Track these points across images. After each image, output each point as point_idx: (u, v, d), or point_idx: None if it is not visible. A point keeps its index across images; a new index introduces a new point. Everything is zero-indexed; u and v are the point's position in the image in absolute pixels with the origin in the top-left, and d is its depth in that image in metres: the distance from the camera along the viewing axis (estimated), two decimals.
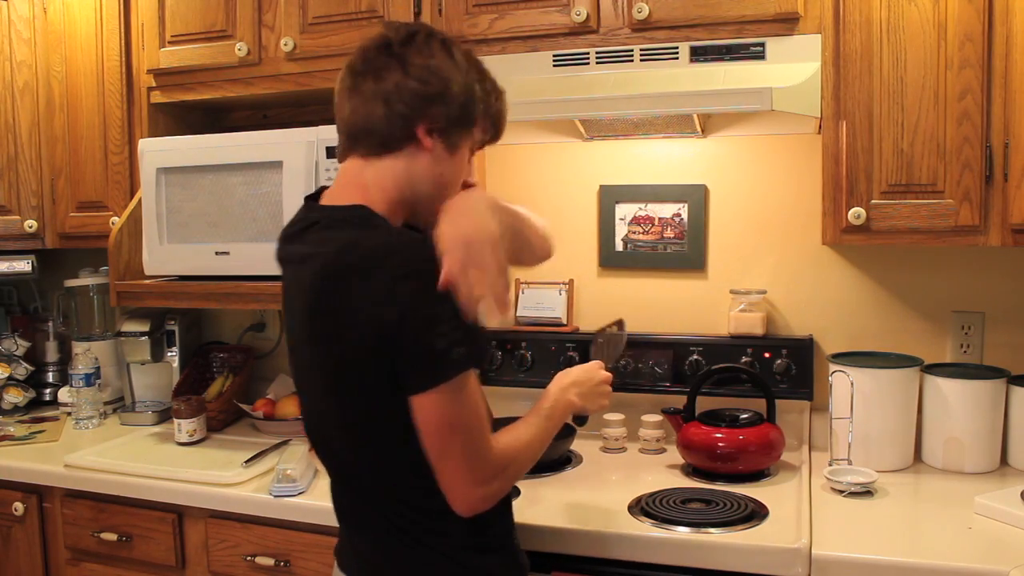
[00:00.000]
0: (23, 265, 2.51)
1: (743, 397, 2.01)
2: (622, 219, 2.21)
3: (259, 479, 1.89)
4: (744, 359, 2.03)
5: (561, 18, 1.85)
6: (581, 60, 1.84)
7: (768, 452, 1.81)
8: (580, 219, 2.26)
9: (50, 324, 2.74)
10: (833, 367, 1.86)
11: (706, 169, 2.15)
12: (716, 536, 1.50)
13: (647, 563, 1.51)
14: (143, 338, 2.40)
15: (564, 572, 1.55)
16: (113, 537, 1.97)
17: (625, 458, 2.01)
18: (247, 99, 2.25)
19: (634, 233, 2.21)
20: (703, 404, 1.94)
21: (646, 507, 1.62)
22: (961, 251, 1.96)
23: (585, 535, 1.55)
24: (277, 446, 2.08)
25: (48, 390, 2.67)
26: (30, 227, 2.46)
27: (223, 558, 1.87)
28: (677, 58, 1.78)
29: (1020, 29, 1.58)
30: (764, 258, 2.12)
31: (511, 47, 1.90)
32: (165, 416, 2.39)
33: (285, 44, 2.07)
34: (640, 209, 2.20)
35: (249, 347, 2.53)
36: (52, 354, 2.74)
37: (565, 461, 1.95)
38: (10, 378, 2.56)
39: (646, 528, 1.54)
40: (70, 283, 2.58)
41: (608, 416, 2.06)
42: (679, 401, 1.96)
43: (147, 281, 2.18)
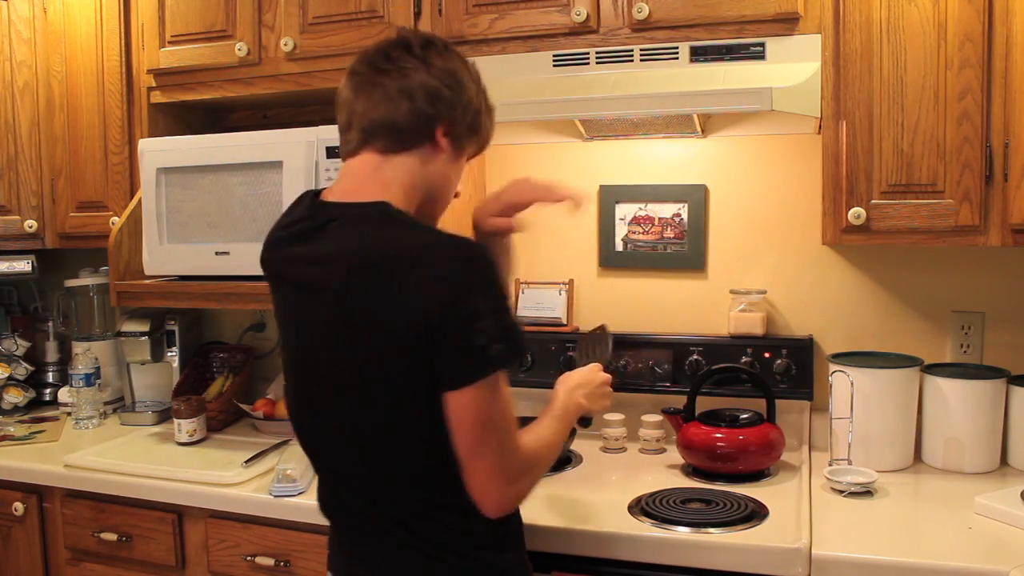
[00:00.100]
0: (23, 265, 2.51)
1: (743, 397, 2.01)
2: (622, 219, 2.21)
3: (259, 479, 1.89)
4: (744, 359, 2.03)
5: (561, 18, 1.85)
6: (581, 60, 1.84)
7: (768, 452, 1.81)
8: (580, 219, 2.25)
9: (50, 324, 2.74)
10: (833, 367, 1.86)
11: (706, 169, 2.15)
12: (716, 536, 1.50)
13: (647, 563, 1.51)
14: (143, 338, 2.40)
15: (564, 572, 1.55)
16: (113, 537, 1.97)
17: (625, 458, 2.01)
18: (247, 99, 2.25)
19: (634, 233, 2.21)
20: (703, 404, 1.94)
21: (646, 507, 1.62)
22: (961, 251, 1.96)
23: (585, 535, 1.55)
24: (277, 446, 2.08)
25: (48, 390, 2.67)
26: (30, 227, 2.46)
27: (223, 558, 1.87)
28: (677, 58, 1.78)
29: (1020, 29, 1.58)
30: (764, 258, 2.12)
31: (511, 47, 1.90)
32: (165, 416, 2.39)
33: (285, 44, 2.07)
34: (640, 209, 2.20)
35: (249, 347, 2.53)
36: (52, 354, 2.74)
37: (565, 461, 1.95)
38: (10, 378, 2.56)
39: (646, 528, 1.54)
40: (70, 283, 2.58)
41: (608, 416, 2.06)
42: (679, 401, 1.96)
43: (147, 281, 2.18)
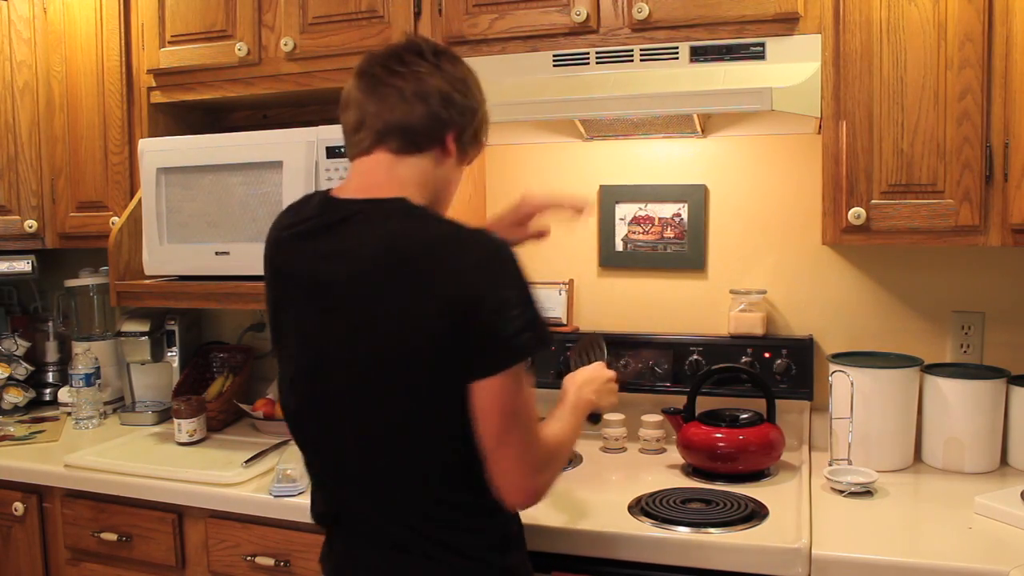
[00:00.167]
0: (23, 265, 2.51)
1: (743, 397, 2.01)
2: (622, 219, 2.21)
3: (259, 479, 1.89)
4: (744, 359, 2.03)
5: (561, 18, 1.85)
6: (581, 60, 1.84)
7: (768, 452, 1.81)
8: (580, 219, 2.25)
9: (50, 324, 2.74)
10: (833, 367, 1.86)
11: (706, 169, 2.15)
12: (716, 536, 1.50)
13: (647, 563, 1.51)
14: (143, 338, 2.40)
15: (564, 572, 1.55)
16: (113, 537, 1.97)
17: (625, 458, 2.01)
18: (247, 99, 2.25)
19: (634, 233, 2.21)
20: (703, 404, 1.94)
21: (646, 507, 1.62)
22: (961, 251, 1.96)
23: (585, 535, 1.55)
24: (277, 446, 2.07)
25: (48, 390, 2.67)
26: (30, 227, 2.46)
27: (223, 558, 1.87)
28: (677, 58, 1.78)
29: (1020, 29, 1.58)
30: (764, 258, 2.12)
31: (511, 47, 1.90)
32: (165, 416, 2.39)
33: (285, 44, 2.07)
34: (640, 209, 2.20)
35: (249, 347, 2.52)
36: (52, 354, 2.74)
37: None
38: (10, 378, 2.56)
39: (646, 528, 1.54)
40: (70, 283, 2.58)
41: (608, 416, 2.06)
42: (679, 401, 1.96)
43: (147, 281, 2.18)
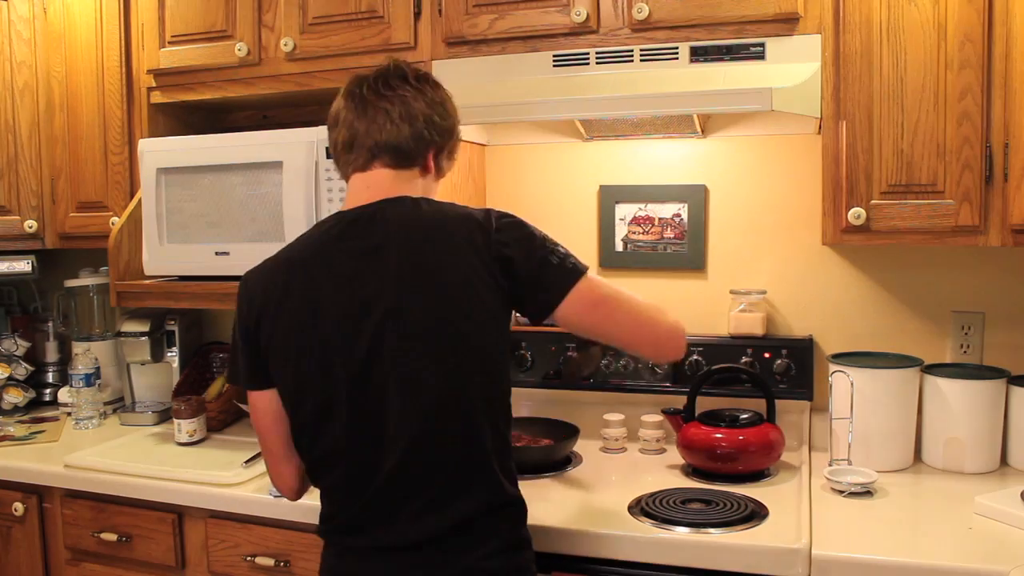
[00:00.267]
0: (23, 265, 2.51)
1: (743, 397, 2.01)
2: (622, 219, 2.21)
3: (259, 479, 1.89)
4: (744, 359, 2.03)
5: (561, 18, 1.85)
6: (581, 60, 1.84)
7: (768, 452, 1.81)
8: (580, 219, 2.26)
9: (50, 324, 2.74)
10: (833, 367, 1.86)
11: (706, 169, 2.15)
12: (716, 536, 1.50)
13: (647, 563, 1.51)
14: (143, 338, 2.40)
15: (564, 572, 1.55)
16: (113, 537, 1.97)
17: (625, 458, 2.01)
18: (247, 99, 2.25)
19: (634, 233, 2.21)
20: (703, 404, 1.94)
21: (646, 507, 1.62)
22: (961, 251, 1.96)
23: (585, 535, 1.55)
24: None
25: (48, 390, 2.67)
26: (30, 227, 2.46)
27: (223, 558, 1.87)
28: (677, 58, 1.78)
29: (1020, 29, 1.58)
30: (764, 258, 2.12)
31: (511, 47, 1.90)
32: (165, 416, 2.40)
33: (285, 44, 2.07)
34: (640, 209, 2.20)
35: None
36: (52, 354, 2.74)
37: (565, 461, 1.95)
38: (10, 378, 2.56)
39: (646, 528, 1.54)
40: (70, 283, 2.58)
41: (608, 416, 2.06)
42: (679, 401, 1.96)
43: (147, 281, 2.18)
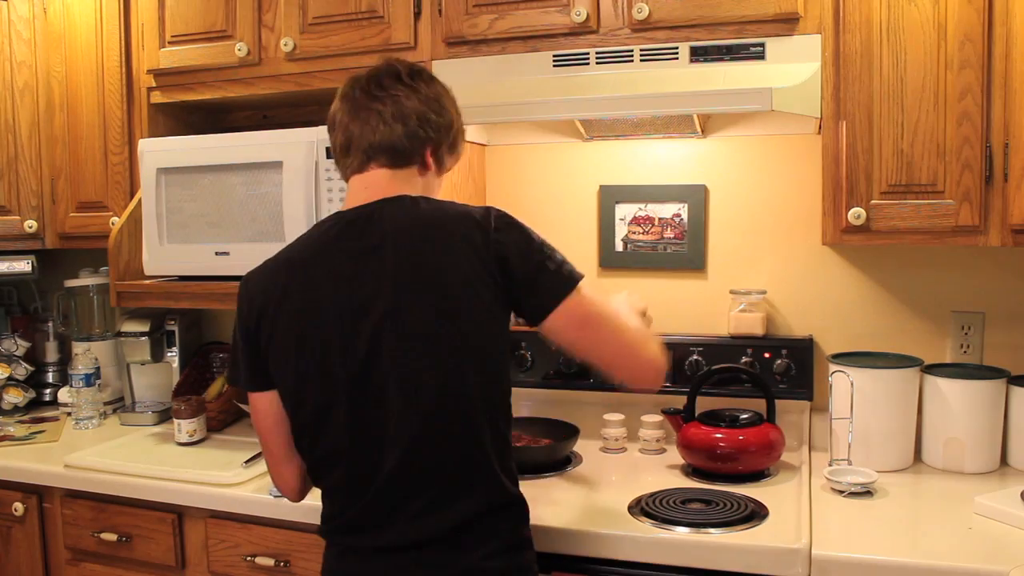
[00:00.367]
0: (23, 265, 2.51)
1: (743, 397, 2.01)
2: (622, 219, 2.21)
3: (259, 479, 1.89)
4: (744, 359, 2.03)
5: (561, 18, 1.85)
6: (581, 60, 1.84)
7: (768, 452, 1.81)
8: (580, 219, 2.26)
9: (50, 324, 2.74)
10: (833, 367, 1.86)
11: (706, 169, 2.15)
12: (716, 536, 1.50)
13: (647, 563, 1.51)
14: (143, 338, 2.40)
15: (564, 572, 1.55)
16: (113, 537, 1.97)
17: (625, 458, 2.01)
18: (247, 99, 2.25)
19: (634, 233, 2.21)
20: (703, 404, 1.94)
21: (646, 507, 1.62)
22: (961, 251, 1.96)
23: (585, 535, 1.55)
24: None
25: (48, 390, 2.67)
26: (30, 227, 2.46)
27: (223, 558, 1.87)
28: (677, 58, 1.78)
29: (1020, 29, 1.58)
30: (764, 258, 2.12)
31: (511, 47, 1.90)
32: (165, 416, 2.40)
33: (285, 44, 2.07)
34: (640, 209, 2.20)
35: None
36: (52, 354, 2.74)
37: (565, 461, 1.95)
38: (10, 378, 2.56)
39: (646, 528, 1.54)
40: (70, 283, 2.58)
41: (608, 416, 2.06)
42: (679, 401, 1.96)
43: (147, 281, 2.18)
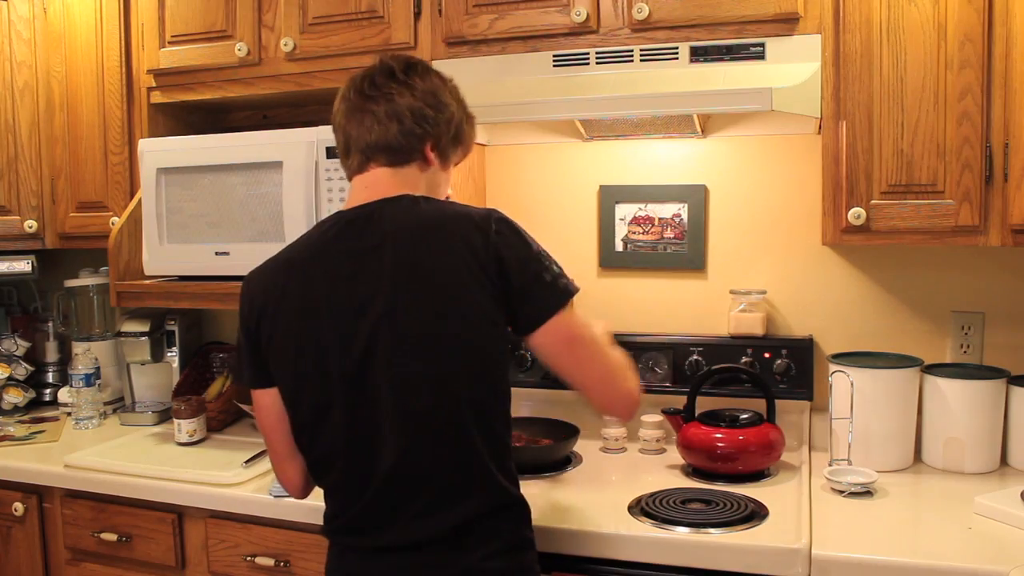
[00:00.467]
0: (23, 265, 2.51)
1: (743, 397, 2.01)
2: (622, 219, 2.21)
3: (259, 479, 1.89)
4: (744, 359, 2.03)
5: (561, 18, 1.85)
6: (581, 60, 1.84)
7: (768, 452, 1.81)
8: (580, 219, 2.26)
9: (50, 324, 2.74)
10: (833, 367, 1.86)
11: (706, 169, 2.15)
12: (716, 536, 1.50)
13: (647, 563, 1.51)
14: (143, 338, 2.40)
15: (564, 572, 1.55)
16: (113, 537, 1.97)
17: (625, 458, 2.01)
18: (247, 99, 2.25)
19: (634, 233, 2.21)
20: (703, 404, 1.94)
21: (646, 507, 1.62)
22: (961, 251, 1.96)
23: (585, 535, 1.55)
24: None
25: (48, 390, 2.67)
26: (30, 227, 2.46)
27: (223, 558, 1.87)
28: (677, 58, 1.78)
29: (1020, 29, 1.58)
30: (764, 258, 2.12)
31: (511, 47, 1.90)
32: (165, 416, 2.39)
33: (285, 44, 2.07)
34: (640, 209, 2.20)
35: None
36: (52, 354, 2.74)
37: (565, 461, 1.95)
38: (10, 378, 2.56)
39: (646, 528, 1.54)
40: (70, 283, 2.58)
41: (608, 416, 2.06)
42: (679, 401, 1.96)
43: (147, 281, 2.18)
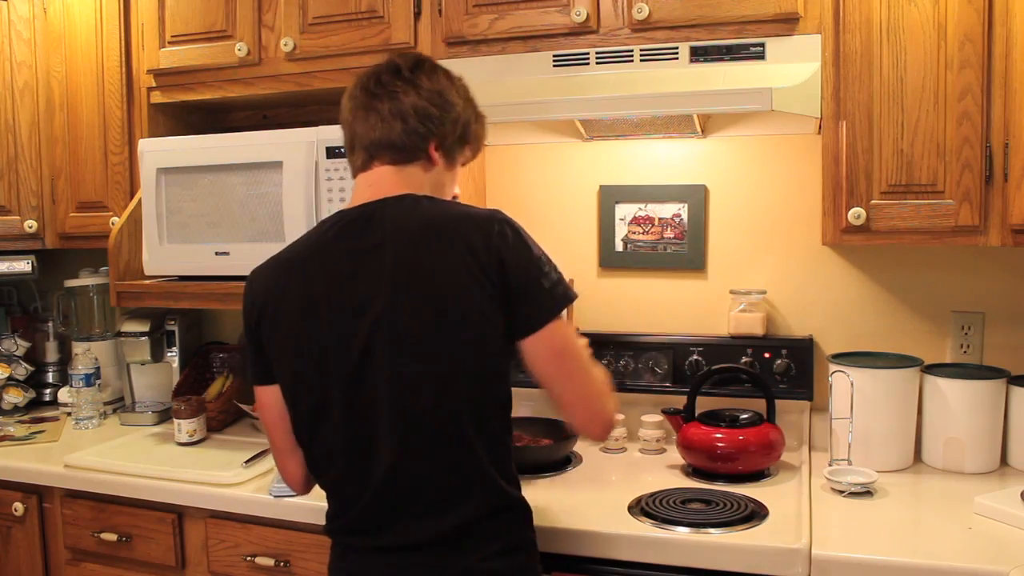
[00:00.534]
0: (23, 265, 2.51)
1: (743, 397, 2.01)
2: (622, 219, 2.21)
3: (259, 479, 1.89)
4: (744, 359, 2.03)
5: (561, 18, 1.85)
6: (581, 60, 1.84)
7: (768, 452, 1.81)
8: (580, 219, 2.26)
9: (50, 324, 2.74)
10: (833, 367, 1.86)
11: (706, 169, 2.15)
12: (716, 536, 1.50)
13: (647, 563, 1.51)
14: (143, 338, 2.40)
15: (564, 572, 1.55)
16: (113, 537, 1.97)
17: (625, 458, 2.01)
18: (247, 99, 2.25)
19: (634, 233, 2.21)
20: (703, 404, 1.94)
21: (646, 507, 1.62)
22: (961, 251, 1.96)
23: (585, 535, 1.55)
24: None
25: (48, 390, 2.67)
26: (30, 227, 2.46)
27: (223, 558, 1.87)
28: (677, 58, 1.78)
29: (1020, 29, 1.58)
30: (764, 258, 2.12)
31: (511, 47, 1.90)
32: (165, 416, 2.39)
33: (285, 44, 2.07)
34: (640, 209, 2.20)
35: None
36: (52, 354, 2.74)
37: (565, 461, 1.95)
38: (10, 378, 2.56)
39: (646, 528, 1.54)
40: (70, 283, 2.58)
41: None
42: (679, 401, 1.96)
43: (147, 281, 2.18)
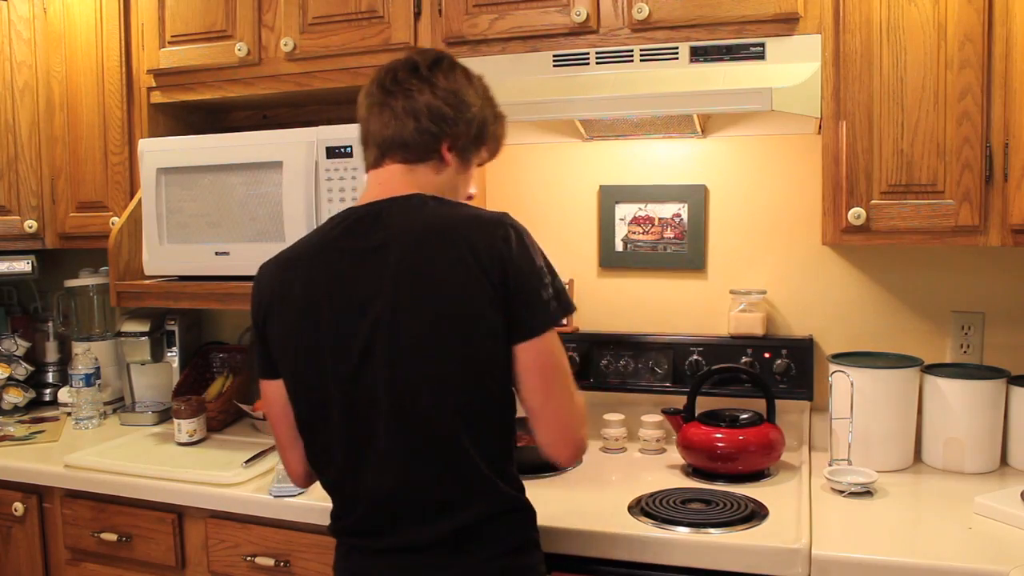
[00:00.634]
0: (23, 265, 2.51)
1: (743, 397, 2.01)
2: (622, 219, 2.21)
3: (259, 479, 1.89)
4: (744, 359, 2.03)
5: (561, 18, 1.85)
6: (581, 60, 1.84)
7: (768, 452, 1.81)
8: (580, 219, 2.26)
9: (50, 324, 2.74)
10: (833, 367, 1.86)
11: (706, 169, 2.15)
12: (716, 536, 1.50)
13: (647, 563, 1.51)
14: (143, 338, 2.40)
15: (564, 572, 1.55)
16: (113, 537, 1.97)
17: (625, 458, 2.01)
18: (247, 99, 2.25)
19: (634, 233, 2.21)
20: (703, 404, 1.94)
21: (646, 507, 1.62)
22: (961, 251, 1.96)
23: (585, 535, 1.55)
24: None
25: (48, 390, 2.67)
26: (30, 227, 2.46)
27: (223, 558, 1.87)
28: (677, 58, 1.78)
29: (1020, 29, 1.58)
30: (764, 258, 2.12)
31: (511, 47, 1.90)
32: (165, 416, 2.39)
33: (285, 44, 2.07)
34: (640, 209, 2.20)
35: (249, 347, 2.52)
36: (52, 354, 2.74)
37: None
38: (10, 378, 2.56)
39: (646, 528, 1.54)
40: (70, 283, 2.58)
41: (608, 416, 2.06)
42: (679, 401, 1.96)
43: (147, 281, 2.18)
